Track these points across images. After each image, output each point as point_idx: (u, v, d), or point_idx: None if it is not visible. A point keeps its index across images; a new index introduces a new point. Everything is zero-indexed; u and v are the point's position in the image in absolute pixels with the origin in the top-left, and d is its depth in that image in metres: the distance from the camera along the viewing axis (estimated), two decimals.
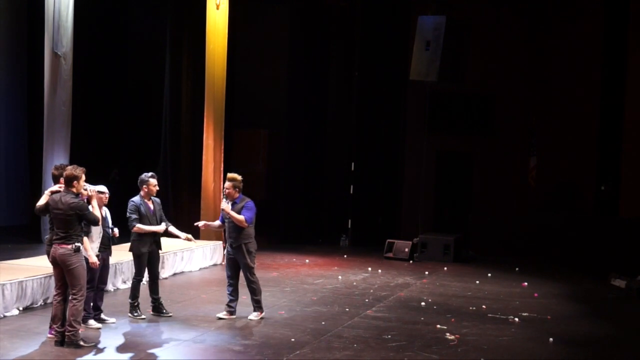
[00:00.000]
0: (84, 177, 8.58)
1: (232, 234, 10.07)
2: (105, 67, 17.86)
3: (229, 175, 10.17)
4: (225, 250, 10.35)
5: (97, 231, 9.11)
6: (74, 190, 8.46)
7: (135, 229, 9.87)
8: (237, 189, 10.02)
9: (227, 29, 15.95)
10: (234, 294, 10.23)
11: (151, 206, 10.06)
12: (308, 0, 18.82)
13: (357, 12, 19.04)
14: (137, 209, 9.92)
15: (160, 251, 10.26)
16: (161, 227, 10.04)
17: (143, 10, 18.91)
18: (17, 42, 16.68)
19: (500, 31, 18.16)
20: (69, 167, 8.61)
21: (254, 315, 10.19)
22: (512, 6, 18.12)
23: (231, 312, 10.21)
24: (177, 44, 16.22)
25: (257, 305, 10.25)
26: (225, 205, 10.00)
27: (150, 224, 9.95)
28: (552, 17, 17.87)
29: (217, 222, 10.49)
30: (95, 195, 8.82)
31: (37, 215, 9.51)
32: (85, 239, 8.80)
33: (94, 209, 8.66)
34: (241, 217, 9.96)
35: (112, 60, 18.26)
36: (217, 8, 15.63)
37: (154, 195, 10.11)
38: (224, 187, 10.20)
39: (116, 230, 9.66)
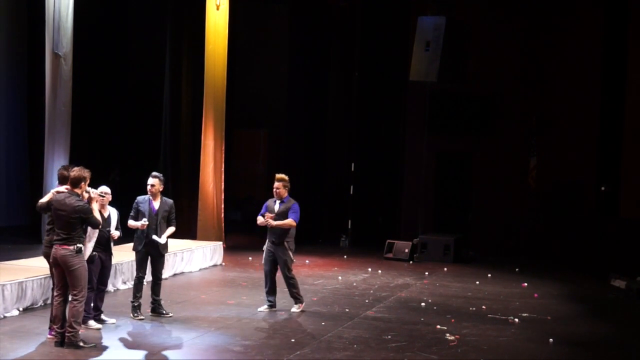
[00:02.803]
0: (88, 180, 8.62)
1: (275, 231, 10.53)
2: (105, 67, 17.84)
3: (278, 175, 10.73)
4: (265, 247, 10.72)
5: (93, 230, 9.10)
6: (79, 191, 8.48)
7: (128, 224, 9.95)
8: (287, 188, 10.65)
9: (227, 29, 15.97)
10: (271, 289, 10.69)
11: (155, 206, 10.03)
12: (308, 0, 18.82)
13: (357, 12, 19.05)
14: (136, 207, 9.99)
15: (165, 254, 10.27)
16: (138, 223, 9.85)
17: (143, 10, 18.91)
18: (17, 42, 16.68)
19: (500, 31, 18.17)
20: (76, 169, 8.61)
21: (295, 308, 10.68)
22: (511, 6, 18.14)
23: (271, 306, 10.66)
24: (177, 44, 16.24)
25: (297, 299, 10.74)
26: (273, 222, 10.42)
27: (148, 223, 9.96)
28: (552, 17, 17.87)
29: (262, 220, 10.60)
30: (97, 198, 8.83)
31: (37, 215, 9.52)
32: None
33: (94, 211, 8.67)
34: (289, 221, 10.46)
35: (112, 60, 18.25)
36: (217, 8, 15.65)
37: (152, 194, 10.05)
38: (274, 188, 10.63)
39: (116, 233, 9.58)
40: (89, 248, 9.05)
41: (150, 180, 10.04)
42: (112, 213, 9.54)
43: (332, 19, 19.60)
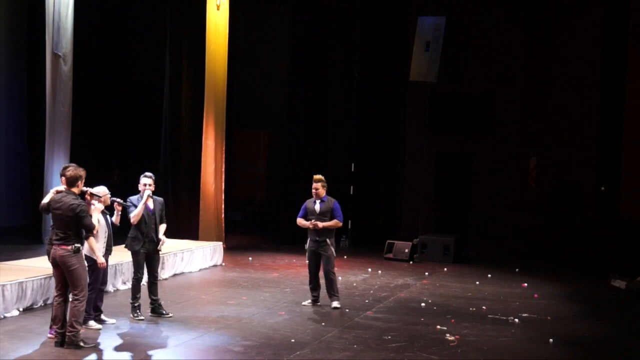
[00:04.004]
0: (84, 178, 8.61)
1: (320, 231, 11.01)
2: (105, 67, 17.84)
3: (316, 176, 11.23)
4: (307, 246, 11.20)
5: (102, 231, 9.11)
6: (76, 190, 8.47)
7: (133, 218, 9.91)
8: (325, 188, 11.19)
9: (227, 29, 15.97)
10: (316, 284, 11.24)
11: (151, 205, 10.06)
12: (308, 0, 18.82)
13: (357, 12, 19.04)
14: (131, 206, 9.97)
15: (160, 252, 10.27)
16: (136, 211, 9.87)
17: (143, 10, 18.90)
18: (17, 42, 16.66)
19: (499, 31, 18.17)
20: (71, 168, 8.60)
21: (336, 303, 10.99)
22: (511, 6, 18.14)
23: (315, 301, 11.18)
24: (177, 44, 16.23)
25: (336, 295, 11.06)
26: (321, 224, 10.96)
27: (146, 222, 9.98)
28: (552, 17, 17.88)
29: (307, 223, 11.11)
30: (106, 200, 8.86)
31: (38, 215, 9.53)
32: (91, 239, 8.79)
33: (98, 212, 8.67)
34: (335, 222, 11.05)
35: (112, 60, 18.24)
36: (218, 8, 15.66)
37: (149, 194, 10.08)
38: (313, 189, 11.09)
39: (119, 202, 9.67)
40: (100, 249, 9.06)
41: (146, 180, 10.07)
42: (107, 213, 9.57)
43: (332, 19, 19.58)
